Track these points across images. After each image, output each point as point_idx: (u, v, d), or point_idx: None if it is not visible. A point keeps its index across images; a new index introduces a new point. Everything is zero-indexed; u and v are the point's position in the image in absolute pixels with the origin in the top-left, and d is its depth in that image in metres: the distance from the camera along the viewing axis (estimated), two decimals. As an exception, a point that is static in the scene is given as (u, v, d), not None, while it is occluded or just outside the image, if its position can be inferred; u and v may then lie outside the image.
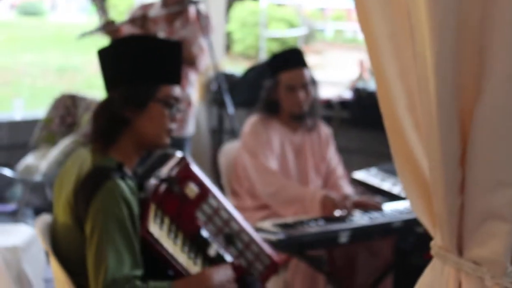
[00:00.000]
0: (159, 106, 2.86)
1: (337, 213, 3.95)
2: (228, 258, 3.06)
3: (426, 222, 1.92)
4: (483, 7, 1.67)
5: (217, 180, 4.45)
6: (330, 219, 3.88)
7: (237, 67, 9.20)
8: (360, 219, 3.92)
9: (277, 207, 4.14)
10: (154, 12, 5.67)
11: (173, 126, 2.95)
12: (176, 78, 2.94)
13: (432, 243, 1.91)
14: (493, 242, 1.76)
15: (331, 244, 3.82)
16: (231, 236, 3.13)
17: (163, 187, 2.94)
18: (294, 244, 3.66)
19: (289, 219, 3.90)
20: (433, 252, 1.91)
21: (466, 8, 1.66)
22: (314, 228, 3.76)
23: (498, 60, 1.66)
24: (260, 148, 4.25)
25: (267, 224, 3.77)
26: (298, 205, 4.06)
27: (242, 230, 3.16)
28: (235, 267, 3.07)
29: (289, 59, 4.33)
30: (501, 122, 1.67)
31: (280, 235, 3.60)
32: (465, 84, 1.71)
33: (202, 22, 5.68)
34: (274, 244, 3.47)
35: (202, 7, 5.76)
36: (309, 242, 3.71)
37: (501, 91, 1.67)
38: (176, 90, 2.93)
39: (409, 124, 1.88)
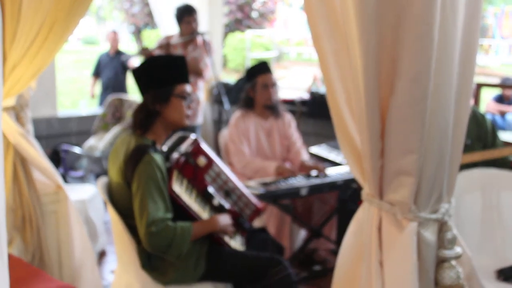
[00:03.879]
0: (178, 99, 2.90)
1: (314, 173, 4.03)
2: (227, 206, 3.07)
3: (359, 178, 1.92)
4: (395, 32, 1.67)
5: (218, 154, 4.48)
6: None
7: (231, 78, 9.16)
8: (314, 179, 3.94)
9: (247, 175, 4.18)
10: (174, 40, 5.70)
11: (189, 112, 2.98)
12: (186, 78, 2.96)
13: (363, 192, 1.92)
14: (402, 190, 1.76)
15: (295, 196, 3.82)
16: (228, 191, 3.14)
17: (182, 159, 2.96)
18: (270, 196, 3.67)
19: (268, 179, 3.92)
20: (363, 197, 1.91)
21: (383, 32, 1.66)
22: (283, 185, 3.77)
23: (404, 68, 1.67)
24: (238, 136, 4.29)
25: (253, 183, 3.78)
26: (261, 173, 4.10)
27: (235, 187, 3.17)
28: (231, 212, 3.09)
29: (263, 68, 4.37)
30: (406, 109, 1.68)
31: (262, 190, 3.63)
32: (384, 84, 1.72)
33: (207, 47, 5.70)
34: (257, 196, 3.49)
35: (206, 36, 5.75)
36: (281, 194, 3.72)
37: (406, 89, 1.68)
38: (187, 87, 2.96)
39: (347, 112, 1.87)
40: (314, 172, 4.04)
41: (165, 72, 2.92)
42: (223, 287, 2.98)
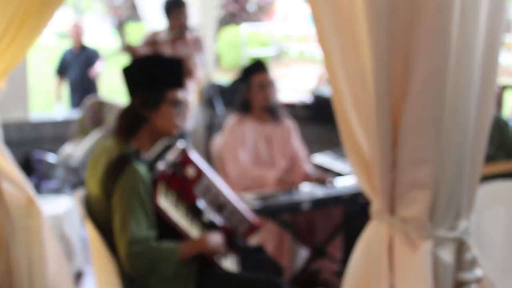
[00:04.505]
0: (169, 106, 2.90)
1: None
2: (218, 222, 3.08)
3: (368, 191, 1.92)
4: (409, 29, 1.68)
5: (210, 163, 4.48)
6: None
7: (225, 78, 9.18)
8: (317, 191, 3.95)
9: (244, 186, 4.18)
10: (161, 37, 5.72)
11: (179, 121, 2.98)
12: (179, 83, 2.96)
13: (371, 207, 1.92)
14: (416, 204, 1.77)
15: (295, 210, 3.83)
16: (220, 206, 3.15)
17: (169, 170, 2.96)
18: (268, 211, 3.68)
19: (266, 192, 3.92)
20: (372, 213, 1.92)
21: (395, 29, 1.67)
22: (283, 198, 3.78)
23: (419, 68, 1.68)
24: (233, 143, 4.29)
25: (249, 196, 3.79)
26: (259, 184, 4.11)
27: (228, 201, 3.18)
28: (223, 229, 3.09)
29: (258, 66, 4.38)
30: (420, 114, 1.69)
31: (258, 204, 3.63)
32: (395, 87, 1.73)
33: (197, 44, 5.72)
34: (254, 211, 3.49)
35: (197, 32, 5.77)
36: (279, 209, 3.73)
37: (421, 92, 1.69)
38: (180, 94, 2.96)
39: (354, 118, 1.87)
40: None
41: (158, 75, 2.93)
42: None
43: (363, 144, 1.87)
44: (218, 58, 16.80)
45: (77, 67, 8.05)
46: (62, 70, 8.27)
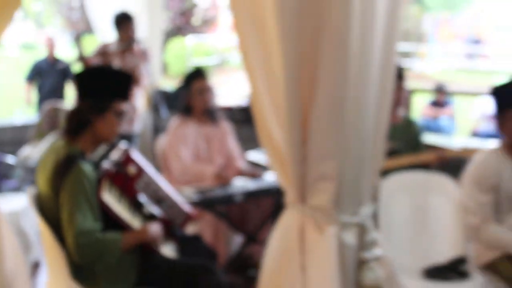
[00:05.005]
0: (113, 115, 2.88)
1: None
2: (158, 214, 3.06)
3: (283, 183, 1.96)
4: (315, 43, 1.71)
5: (155, 160, 4.47)
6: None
7: (172, 85, 9.13)
8: (250, 185, 3.98)
9: (185, 181, 4.17)
10: (111, 48, 5.68)
11: (120, 129, 2.97)
12: (126, 96, 2.94)
13: (286, 198, 1.95)
14: (323, 194, 1.81)
15: (230, 202, 3.84)
16: (159, 199, 3.13)
17: (112, 168, 2.94)
18: (205, 203, 3.68)
19: (205, 186, 3.93)
20: (286, 203, 1.94)
21: (303, 43, 1.70)
22: (218, 192, 3.79)
23: (323, 76, 1.71)
24: (176, 142, 4.27)
25: (188, 190, 3.78)
26: (199, 179, 4.11)
27: (167, 195, 3.16)
28: (162, 220, 3.08)
29: (197, 74, 4.38)
30: (325, 116, 1.73)
31: (196, 197, 3.63)
32: (305, 92, 1.75)
33: (143, 55, 5.70)
34: (192, 203, 3.49)
35: (143, 44, 5.75)
36: (215, 201, 3.74)
37: (325, 97, 1.72)
38: (125, 106, 2.94)
39: (270, 117, 1.90)
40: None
41: (108, 86, 2.91)
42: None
43: (278, 141, 1.89)
44: (166, 67, 16.71)
45: (52, 77, 7.92)
46: (33, 78, 8.13)
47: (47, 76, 7.97)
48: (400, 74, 4.20)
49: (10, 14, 2.99)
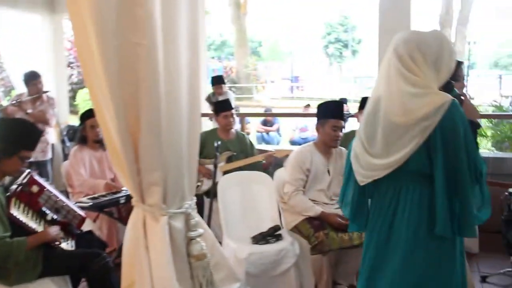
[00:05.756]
0: (18, 160, 2.70)
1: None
2: (58, 219, 2.96)
3: (129, 189, 1.94)
4: (135, 95, 1.72)
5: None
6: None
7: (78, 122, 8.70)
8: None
9: (85, 192, 4.04)
10: (24, 98, 5.38)
11: (22, 169, 2.81)
12: (33, 148, 2.75)
13: (132, 199, 1.94)
14: (155, 196, 1.83)
15: (116, 204, 3.76)
16: (58, 208, 3.02)
17: (19, 188, 2.80)
18: (97, 207, 3.58)
19: (99, 194, 3.82)
20: (132, 203, 1.93)
21: (127, 95, 1.71)
22: (108, 198, 3.71)
23: (143, 118, 1.73)
24: (76, 163, 4.13)
25: (85, 199, 3.67)
26: (95, 190, 3.99)
27: (64, 204, 3.05)
28: (62, 223, 2.97)
29: (90, 112, 4.22)
30: (148, 142, 1.74)
31: (90, 203, 3.53)
32: (133, 126, 1.76)
33: (50, 101, 5.45)
34: (87, 208, 3.40)
35: (50, 93, 5.51)
36: (105, 204, 3.64)
37: (146, 131, 1.73)
38: (32, 154, 2.77)
39: (118, 143, 1.82)
40: None
41: (20, 137, 2.69)
42: (61, 279, 2.86)
43: (122, 159, 1.85)
44: (78, 108, 15.91)
45: None
46: None
47: None
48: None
49: None
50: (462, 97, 1.99)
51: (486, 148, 6.76)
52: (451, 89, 1.96)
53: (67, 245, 2.96)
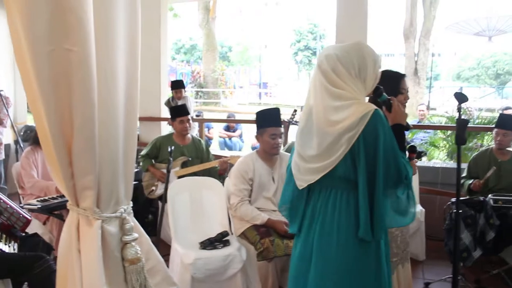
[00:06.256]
0: None
1: None
2: (0, 221, 2.92)
3: (64, 192, 1.89)
4: (68, 98, 1.70)
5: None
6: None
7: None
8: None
9: (36, 194, 3.98)
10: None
11: None
12: None
13: (67, 203, 1.92)
14: (88, 200, 1.82)
15: (65, 207, 3.71)
16: (1, 210, 2.98)
17: None
18: (46, 209, 3.54)
19: (48, 197, 3.76)
20: (67, 206, 1.91)
21: (60, 99, 1.69)
22: (57, 200, 3.66)
23: (76, 121, 1.72)
24: (28, 164, 4.06)
25: (33, 201, 3.61)
26: (46, 192, 3.93)
27: (7, 207, 3.01)
28: (4, 225, 2.93)
29: None
30: (81, 146, 1.73)
31: (39, 205, 3.49)
32: (66, 130, 1.74)
33: (4, 101, 5.35)
34: (36, 210, 3.36)
35: (4, 92, 5.41)
36: (54, 207, 3.60)
37: (80, 133, 1.72)
38: None
39: (52, 146, 1.77)
40: None
41: None
42: (3, 283, 2.81)
43: (56, 163, 1.81)
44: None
45: None
46: None
47: None
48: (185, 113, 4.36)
49: None
50: (391, 101, 2.09)
51: (439, 159, 6.96)
52: (380, 94, 2.05)
53: (9, 248, 2.92)
